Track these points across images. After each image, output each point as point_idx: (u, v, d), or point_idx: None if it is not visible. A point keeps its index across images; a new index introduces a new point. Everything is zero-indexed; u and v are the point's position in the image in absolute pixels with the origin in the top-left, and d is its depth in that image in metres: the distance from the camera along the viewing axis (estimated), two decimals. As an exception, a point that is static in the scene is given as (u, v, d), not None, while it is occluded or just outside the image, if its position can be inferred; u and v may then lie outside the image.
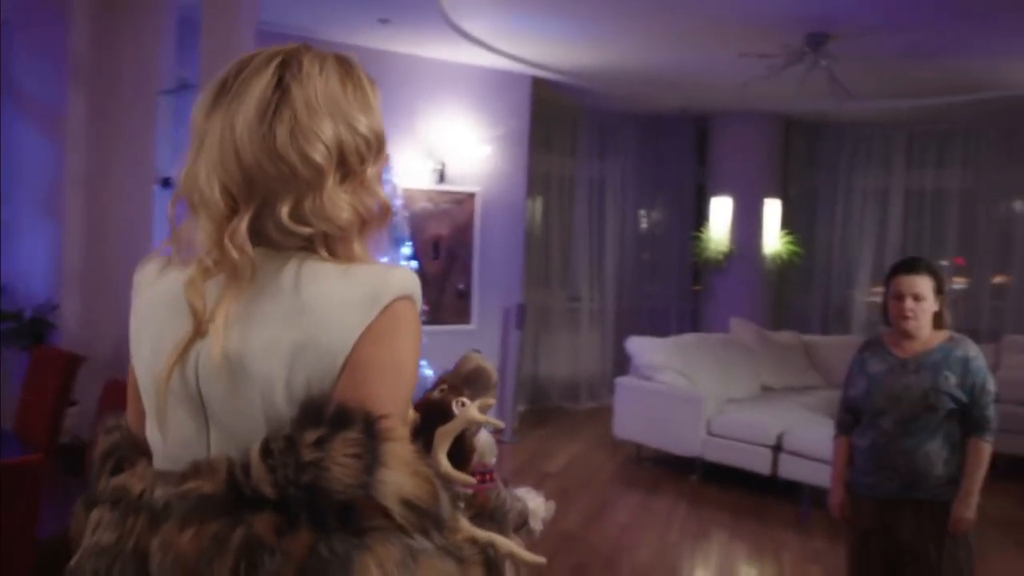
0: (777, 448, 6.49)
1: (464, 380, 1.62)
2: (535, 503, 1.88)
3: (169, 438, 1.29)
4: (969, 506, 3.28)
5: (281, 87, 1.25)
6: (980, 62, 7.28)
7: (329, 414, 1.16)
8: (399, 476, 1.16)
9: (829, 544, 5.56)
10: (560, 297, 9.99)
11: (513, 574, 1.39)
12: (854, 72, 6.85)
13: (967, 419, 3.31)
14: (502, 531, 1.59)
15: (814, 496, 6.16)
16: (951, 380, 3.28)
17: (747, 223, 9.98)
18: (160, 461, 1.31)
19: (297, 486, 1.13)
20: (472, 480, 1.48)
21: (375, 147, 1.31)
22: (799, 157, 10.70)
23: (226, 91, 1.26)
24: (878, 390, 3.40)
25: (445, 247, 7.99)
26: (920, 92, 8.54)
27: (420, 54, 7.63)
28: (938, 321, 3.39)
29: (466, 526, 1.32)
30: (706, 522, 6.06)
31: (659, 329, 9.91)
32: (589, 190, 10.15)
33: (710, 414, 6.91)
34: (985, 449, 3.30)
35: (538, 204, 9.96)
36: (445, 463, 1.46)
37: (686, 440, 6.94)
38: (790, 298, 10.73)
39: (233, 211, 1.24)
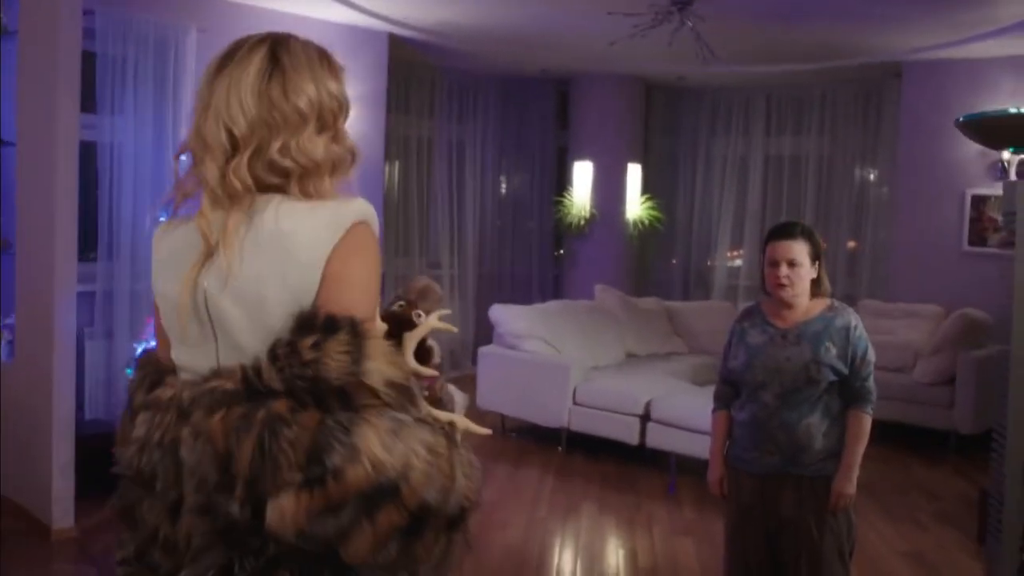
0: (645, 417, 6.37)
1: (418, 296, 2.01)
2: (458, 395, 2.27)
3: (188, 353, 1.60)
4: (850, 480, 3.16)
5: (275, 58, 1.61)
6: (839, 27, 7.28)
7: (320, 322, 1.45)
8: (381, 364, 1.45)
9: (699, 515, 5.48)
10: (420, 265, 9.68)
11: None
12: (716, 35, 6.74)
13: (847, 391, 3.18)
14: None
15: (683, 465, 6.09)
16: (832, 351, 3.14)
17: (609, 188, 9.86)
18: (185, 374, 1.60)
19: (302, 379, 1.42)
20: (435, 373, 1.80)
21: (343, 109, 1.69)
22: (659, 121, 10.63)
23: (228, 61, 1.60)
24: (758, 362, 3.24)
25: (298, 212, 7.54)
26: (779, 58, 8.54)
27: (267, 6, 7.16)
28: (817, 289, 3.24)
29: (427, 409, 1.56)
30: (575, 496, 5.90)
31: (521, 296, 9.74)
32: (448, 153, 9.84)
33: (576, 382, 6.75)
34: (866, 421, 3.18)
35: (396, 168, 9.59)
36: (413, 361, 1.77)
37: (552, 410, 6.76)
38: (652, 264, 10.70)
39: (233, 153, 1.55)
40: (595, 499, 5.85)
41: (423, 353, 1.81)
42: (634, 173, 10.02)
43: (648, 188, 10.23)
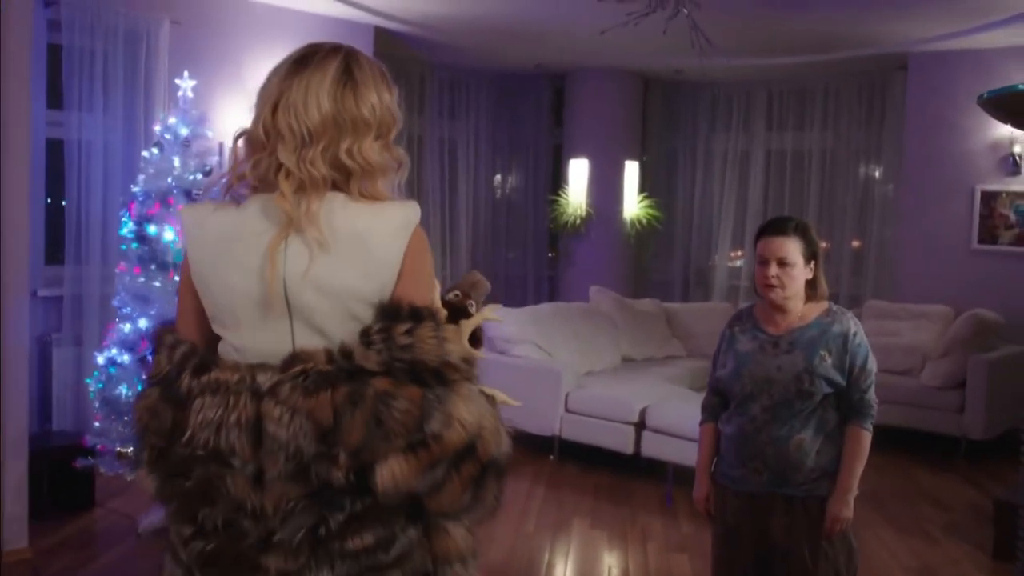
0: (640, 425, 6.07)
1: (471, 287, 2.15)
2: None
3: (253, 336, 1.70)
4: (846, 503, 2.84)
5: (349, 68, 1.74)
6: (842, 17, 6.99)
7: (406, 312, 1.64)
8: (457, 346, 1.68)
9: (696, 529, 5.17)
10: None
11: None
12: (714, 25, 6.44)
13: (845, 404, 2.87)
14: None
15: (680, 476, 5.78)
16: (828, 360, 2.83)
17: (605, 186, 9.56)
18: (250, 358, 1.69)
19: (400, 361, 1.61)
20: (484, 356, 1.95)
21: (396, 122, 1.81)
22: (657, 117, 10.32)
23: (304, 64, 1.73)
24: (746, 372, 2.94)
25: (280, 212, 7.25)
26: (780, 50, 8.24)
27: (247, -3, 6.89)
28: (812, 291, 2.93)
29: (479, 384, 1.76)
30: (566, 508, 5.60)
31: (516, 297, 9.46)
32: (440, 151, 9.56)
33: (568, 389, 6.45)
34: (865, 438, 2.86)
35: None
36: (468, 345, 1.94)
37: (543, 417, 6.46)
38: (650, 264, 10.39)
39: (306, 145, 1.69)
40: (587, 512, 5.55)
41: (475, 338, 2.07)
42: (631, 170, 9.72)
43: (646, 186, 9.93)
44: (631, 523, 5.38)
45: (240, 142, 1.80)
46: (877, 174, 9.16)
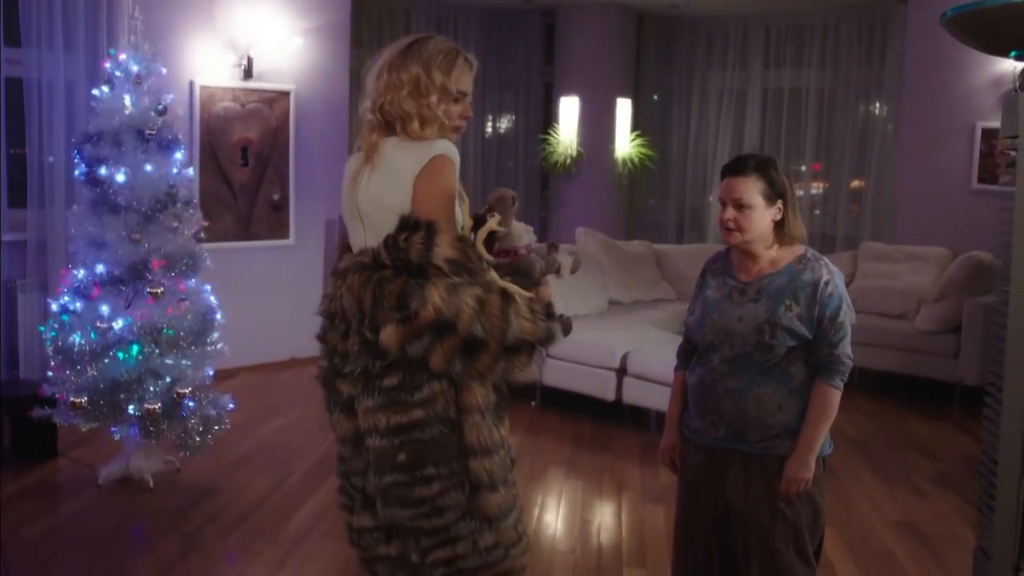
0: (621, 371, 5.90)
1: (496, 202, 2.59)
2: (563, 260, 2.78)
3: (353, 238, 2.46)
4: (805, 464, 2.62)
5: (409, 48, 2.42)
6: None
7: (411, 223, 2.26)
8: (443, 248, 2.24)
9: (674, 480, 5.00)
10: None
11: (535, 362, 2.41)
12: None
13: (813, 358, 2.64)
14: (528, 281, 2.52)
15: (662, 424, 5.60)
16: (794, 311, 2.60)
17: (597, 125, 9.32)
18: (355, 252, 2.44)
19: (398, 259, 2.25)
20: (489, 256, 2.46)
21: (439, 90, 2.39)
22: (651, 54, 10.01)
23: (393, 48, 2.44)
24: (710, 321, 2.73)
25: (254, 152, 7.04)
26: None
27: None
28: (781, 234, 2.70)
29: (493, 276, 2.35)
30: (544, 457, 5.44)
31: (504, 241, 9.23)
32: (427, 91, 9.27)
33: (551, 334, 6.25)
34: (833, 396, 2.64)
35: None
36: (480, 247, 2.44)
37: (525, 364, 6.26)
38: (643, 205, 10.15)
39: (373, 101, 2.42)
40: (564, 461, 5.40)
41: (490, 242, 2.49)
42: (624, 109, 9.44)
43: (639, 124, 9.67)
44: (609, 473, 5.22)
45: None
46: (877, 112, 8.87)
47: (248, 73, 6.87)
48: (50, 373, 4.64)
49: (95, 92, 4.64)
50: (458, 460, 2.33)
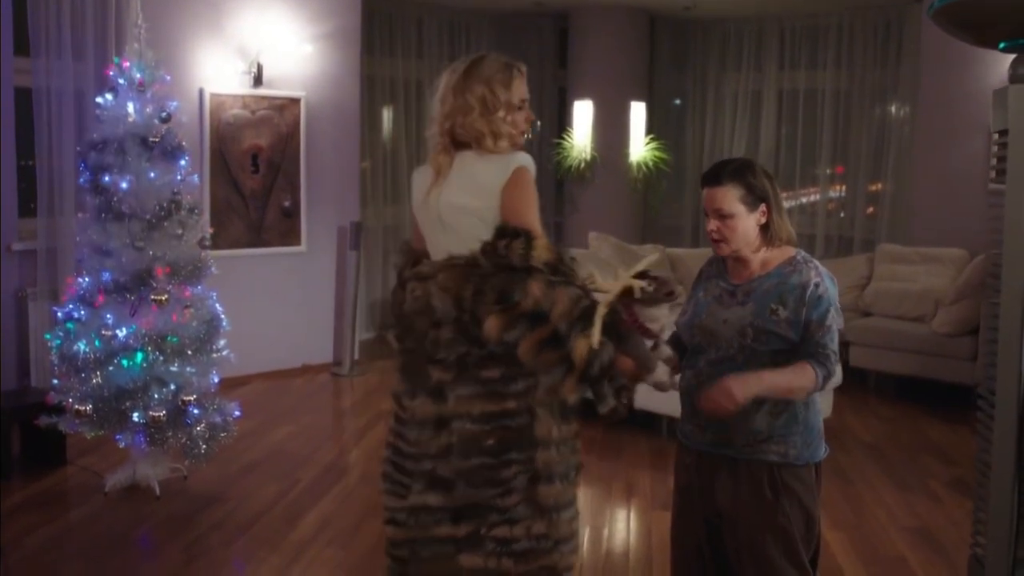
0: (632, 377, 5.83)
1: (659, 282, 2.51)
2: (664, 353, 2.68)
3: (433, 244, 2.60)
4: (744, 386, 2.47)
5: (467, 71, 2.56)
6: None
7: (509, 231, 2.41)
8: (540, 252, 2.39)
9: (684, 486, 4.95)
10: (411, 214, 9.14)
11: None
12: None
13: (801, 355, 2.56)
14: (632, 354, 2.51)
15: (673, 429, 5.55)
16: (781, 314, 2.54)
17: (611, 129, 9.26)
18: (434, 257, 2.59)
19: (498, 263, 2.40)
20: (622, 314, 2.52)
21: (504, 104, 2.53)
22: (665, 57, 9.96)
23: (450, 72, 2.59)
24: (698, 323, 2.69)
25: (265, 159, 7.04)
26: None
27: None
28: (768, 236, 2.63)
29: (596, 283, 2.51)
30: (553, 463, 5.39)
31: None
32: (440, 96, 9.25)
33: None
34: (808, 375, 2.52)
35: (387, 114, 9.04)
36: (614, 298, 2.47)
37: (536, 370, 6.22)
38: (658, 209, 10.09)
39: (441, 124, 2.57)
40: (574, 468, 5.35)
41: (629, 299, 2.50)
42: (638, 112, 9.38)
43: (653, 128, 9.60)
44: (619, 479, 5.17)
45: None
46: (893, 113, 8.77)
47: (258, 80, 6.87)
48: (56, 381, 4.65)
49: (99, 100, 4.64)
50: (531, 449, 2.45)
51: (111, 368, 4.51)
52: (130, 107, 4.56)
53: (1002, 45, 1.83)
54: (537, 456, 2.45)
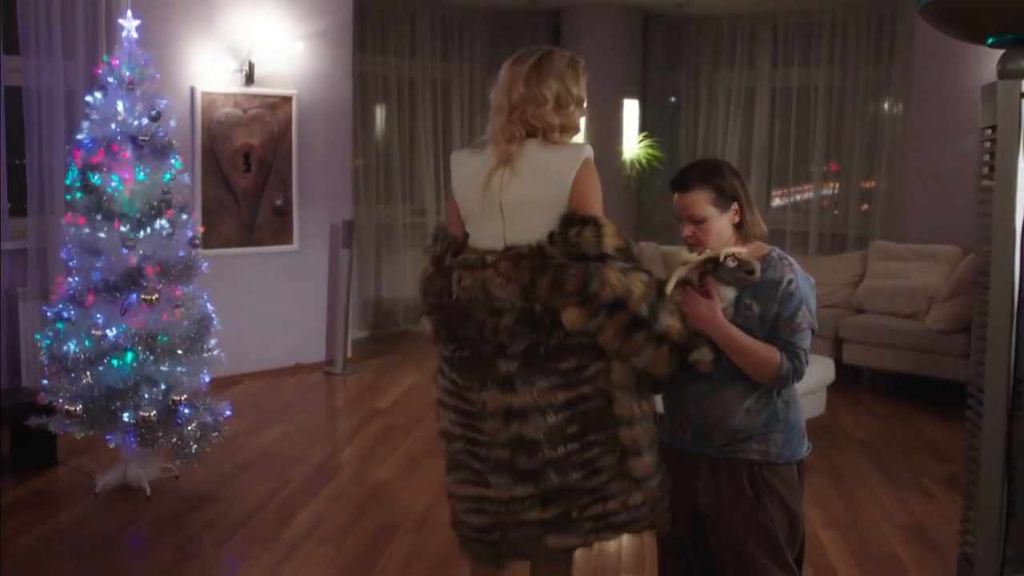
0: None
1: (742, 263, 2.54)
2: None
3: (483, 233, 2.60)
4: (711, 313, 2.53)
5: (540, 63, 2.58)
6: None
7: (577, 219, 2.45)
8: (610, 239, 2.43)
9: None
10: (404, 212, 9.14)
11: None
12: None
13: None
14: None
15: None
16: (754, 310, 2.55)
17: (604, 126, 9.23)
18: (478, 244, 2.60)
19: (570, 252, 2.42)
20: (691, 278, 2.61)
21: (575, 100, 2.62)
22: (658, 54, 9.95)
23: (519, 62, 2.59)
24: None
25: (257, 158, 7.02)
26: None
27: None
28: (742, 234, 2.64)
29: (677, 272, 2.60)
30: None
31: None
32: (432, 94, 9.25)
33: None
34: (773, 355, 2.52)
35: (380, 112, 9.02)
36: (690, 267, 2.60)
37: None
38: (651, 206, 10.08)
39: (511, 113, 2.57)
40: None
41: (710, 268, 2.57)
42: (631, 109, 9.38)
43: (647, 125, 9.60)
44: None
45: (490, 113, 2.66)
46: (886, 110, 8.77)
47: (250, 78, 6.85)
48: (45, 381, 4.63)
49: (88, 98, 4.62)
50: (611, 428, 2.50)
51: (101, 368, 4.49)
52: (120, 106, 4.54)
53: (990, 40, 1.82)
54: (621, 434, 2.49)
